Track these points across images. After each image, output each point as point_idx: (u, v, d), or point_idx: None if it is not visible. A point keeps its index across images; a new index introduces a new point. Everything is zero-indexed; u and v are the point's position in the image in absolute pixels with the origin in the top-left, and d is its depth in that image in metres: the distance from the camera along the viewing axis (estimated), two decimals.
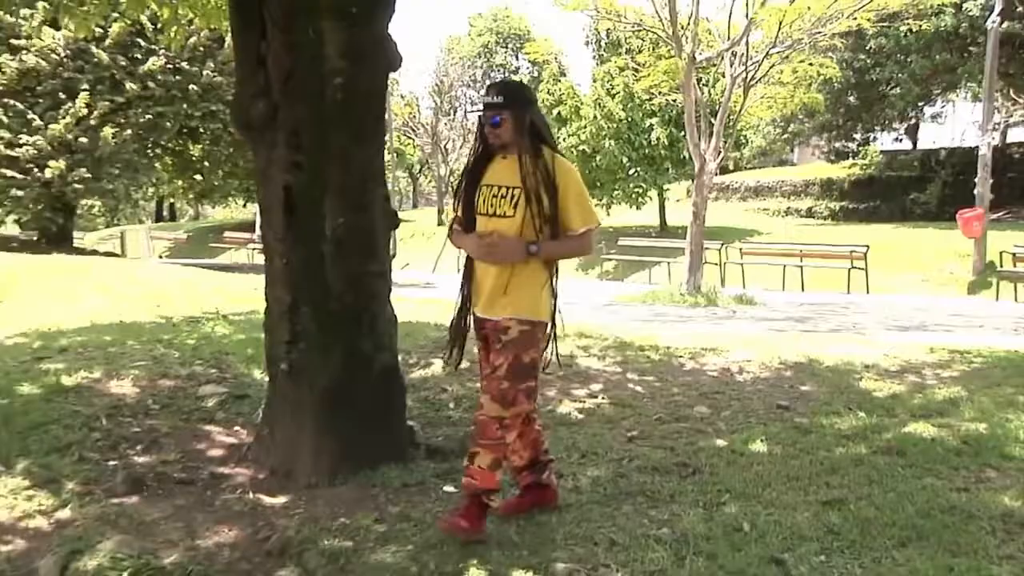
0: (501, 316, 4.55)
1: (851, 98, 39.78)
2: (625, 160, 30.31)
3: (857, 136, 42.98)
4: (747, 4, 18.25)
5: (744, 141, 36.58)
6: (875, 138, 43.33)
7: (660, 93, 24.73)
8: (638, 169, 30.52)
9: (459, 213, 4.84)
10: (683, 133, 22.14)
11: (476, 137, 4.76)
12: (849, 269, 21.80)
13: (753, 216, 34.87)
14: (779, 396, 7.80)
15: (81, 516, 5.12)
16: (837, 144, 44.25)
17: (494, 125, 4.49)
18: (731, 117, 19.87)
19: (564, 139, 32.61)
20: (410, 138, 52.81)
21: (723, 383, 8.31)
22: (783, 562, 4.35)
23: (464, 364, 6.40)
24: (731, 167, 45.78)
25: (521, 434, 4.82)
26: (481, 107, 4.58)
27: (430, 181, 56.51)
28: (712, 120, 19.14)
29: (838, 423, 6.93)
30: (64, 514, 5.21)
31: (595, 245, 4.73)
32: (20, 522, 5.14)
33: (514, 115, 4.48)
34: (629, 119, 30.23)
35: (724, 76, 20.58)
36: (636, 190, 31.14)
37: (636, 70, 26.62)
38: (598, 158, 30.78)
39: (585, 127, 31.33)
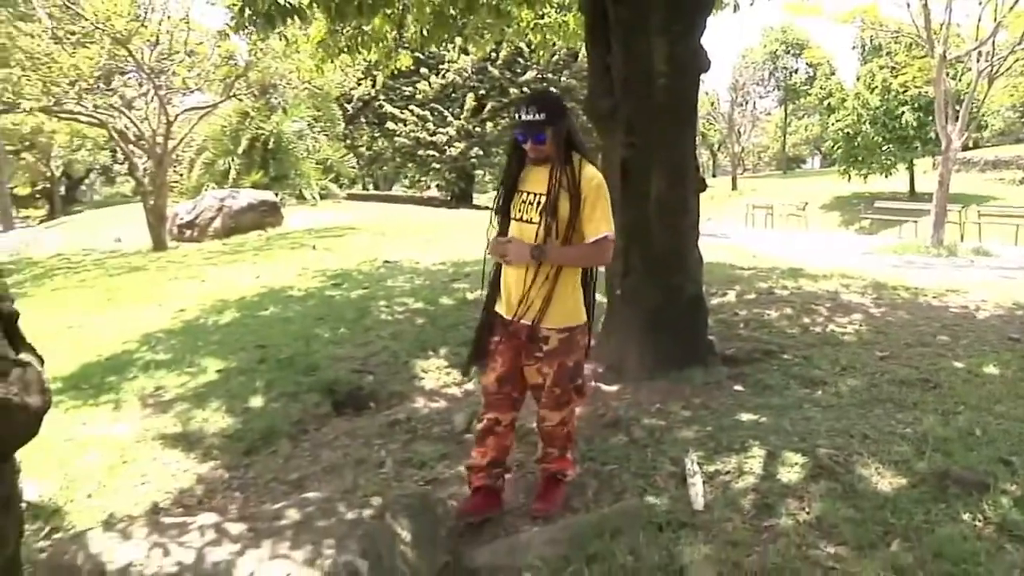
0: (539, 324, 3.52)
1: None
2: (880, 140, 28.28)
3: None
4: (995, 9, 16.46)
5: (985, 124, 33.12)
6: None
7: (914, 86, 22.93)
8: (891, 147, 28.33)
9: (497, 221, 3.75)
10: (931, 118, 20.44)
11: (511, 151, 3.68)
12: None
13: (991, 185, 31.42)
14: (1011, 330, 6.98)
15: (479, 390, 5.38)
16: None
17: (539, 142, 3.46)
18: (974, 104, 18.05)
19: (832, 124, 30.99)
20: (711, 123, 51.40)
21: (962, 318, 7.56)
22: (1011, 463, 3.95)
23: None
24: (972, 145, 41.50)
25: (500, 435, 3.73)
26: (522, 127, 3.50)
27: (725, 156, 54.86)
28: (957, 107, 17.49)
29: None
30: (469, 386, 5.53)
31: (610, 255, 3.66)
32: (442, 389, 5.51)
33: (555, 130, 3.45)
34: (885, 108, 28.16)
35: (970, 70, 18.69)
36: (887, 163, 28.94)
37: (893, 68, 24.75)
38: (859, 139, 28.91)
39: (849, 114, 29.54)
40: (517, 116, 3.53)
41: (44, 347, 1.47)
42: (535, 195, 3.53)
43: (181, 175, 27.53)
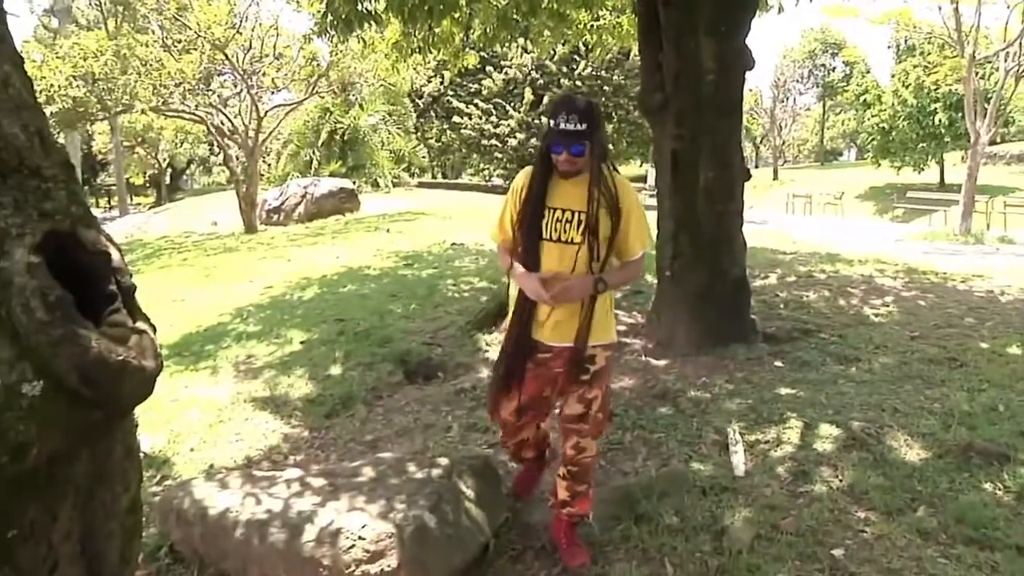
0: (586, 343, 2.89)
1: None
2: (914, 136, 27.36)
3: None
4: (1023, 13, 15.85)
5: (1011, 120, 31.94)
6: None
7: (946, 84, 22.27)
8: (923, 144, 27.39)
9: (516, 235, 2.96)
10: (961, 114, 19.83)
11: (539, 160, 2.88)
12: None
13: (1016, 177, 30.17)
14: None
15: None
16: None
17: (576, 155, 2.76)
18: (1002, 102, 17.42)
19: (867, 120, 30.05)
20: (754, 118, 50.40)
21: (987, 301, 7.33)
22: None
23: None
24: (999, 140, 39.83)
25: (533, 443, 3.33)
26: (560, 136, 2.75)
27: (767, 149, 53.68)
28: (986, 104, 16.93)
29: None
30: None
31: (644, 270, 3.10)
32: None
33: (593, 142, 2.76)
34: (918, 105, 27.21)
35: (998, 70, 18.07)
36: (919, 159, 28.00)
37: (926, 67, 24.04)
38: (893, 134, 28.01)
39: (884, 111, 28.60)
40: (552, 124, 2.78)
41: (152, 318, 1.51)
42: (572, 212, 2.85)
43: (269, 165, 28.02)
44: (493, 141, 32.15)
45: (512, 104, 32.31)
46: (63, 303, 0.91)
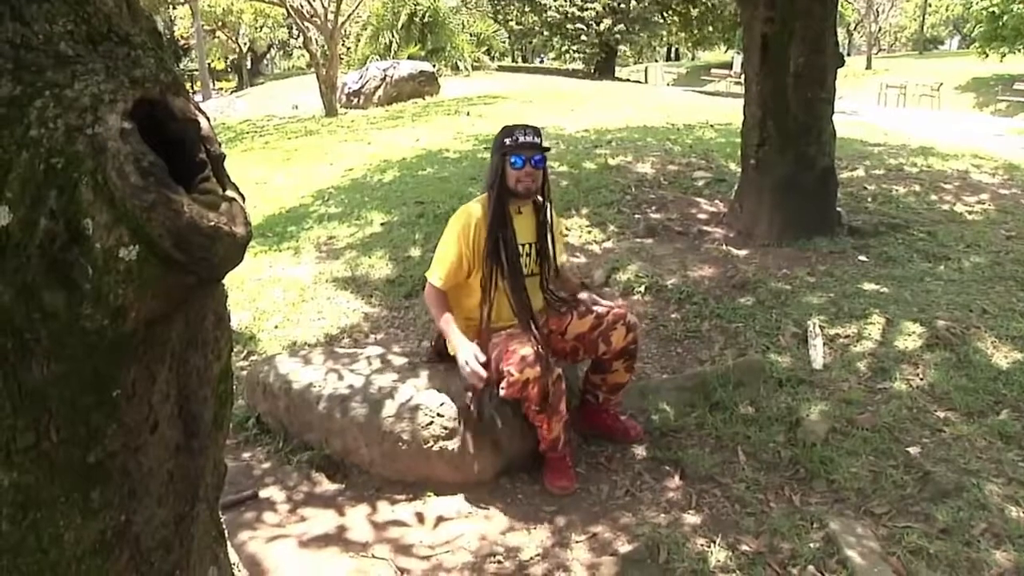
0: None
1: None
2: None
3: None
4: None
5: None
6: None
7: None
8: None
9: (475, 278, 2.94)
10: None
11: (496, 185, 2.88)
12: None
13: None
14: None
15: (617, 247, 5.32)
16: None
17: (537, 166, 2.86)
18: None
19: (975, 3, 27.73)
20: (848, 2, 47.40)
21: None
22: None
23: None
24: None
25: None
26: (523, 148, 2.84)
27: (861, 36, 50.65)
28: None
29: None
30: (608, 245, 5.45)
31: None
32: (584, 246, 5.45)
33: (545, 159, 2.92)
34: None
35: None
36: None
37: None
38: (1005, 18, 25.90)
39: None
40: (509, 142, 2.84)
41: None
42: (524, 245, 2.98)
43: (349, 48, 27.76)
44: (578, 25, 31.06)
45: None
46: (156, 168, 0.91)
